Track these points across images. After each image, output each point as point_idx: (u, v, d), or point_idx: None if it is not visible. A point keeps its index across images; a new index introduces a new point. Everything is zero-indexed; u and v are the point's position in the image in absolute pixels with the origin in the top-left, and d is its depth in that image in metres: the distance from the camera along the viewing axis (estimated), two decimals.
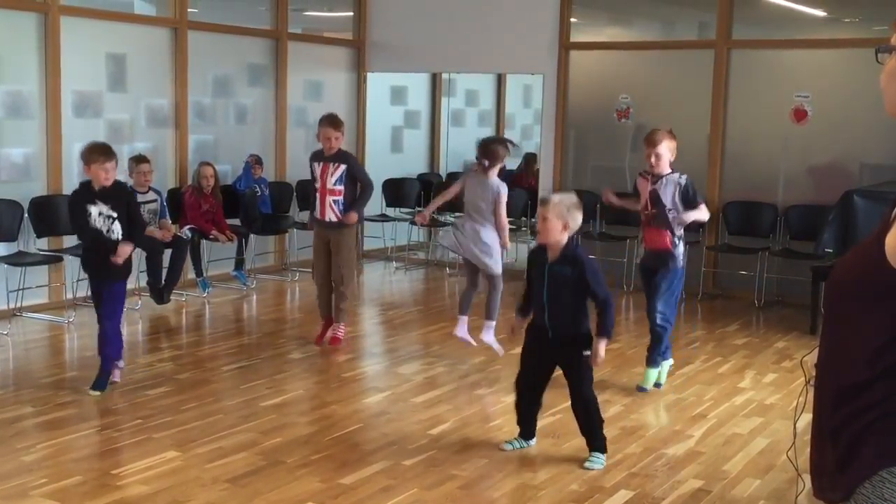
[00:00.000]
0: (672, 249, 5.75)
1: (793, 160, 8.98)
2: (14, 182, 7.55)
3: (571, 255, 4.59)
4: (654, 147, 5.74)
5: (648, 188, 5.79)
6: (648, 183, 5.80)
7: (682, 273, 5.87)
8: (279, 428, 5.11)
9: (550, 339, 4.65)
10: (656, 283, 5.81)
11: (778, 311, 8.59)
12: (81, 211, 5.52)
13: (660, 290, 5.79)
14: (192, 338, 7.34)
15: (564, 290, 4.58)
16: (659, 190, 5.74)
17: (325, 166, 6.70)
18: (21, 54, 7.56)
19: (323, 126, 6.73)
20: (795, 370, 6.50)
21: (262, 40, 9.66)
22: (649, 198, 5.78)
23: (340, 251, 6.78)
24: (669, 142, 5.75)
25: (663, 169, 5.77)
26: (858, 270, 1.87)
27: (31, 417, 5.21)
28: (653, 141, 5.76)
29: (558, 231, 4.56)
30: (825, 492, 1.97)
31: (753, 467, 4.76)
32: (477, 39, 10.04)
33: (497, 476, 4.55)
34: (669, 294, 5.83)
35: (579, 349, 4.65)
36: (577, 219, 4.59)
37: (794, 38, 9.23)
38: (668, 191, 5.73)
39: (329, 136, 6.67)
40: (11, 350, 6.68)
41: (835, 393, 1.91)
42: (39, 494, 4.15)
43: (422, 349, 6.94)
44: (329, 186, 6.69)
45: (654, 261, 5.81)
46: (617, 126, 9.67)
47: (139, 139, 8.45)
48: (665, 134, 5.77)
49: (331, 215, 6.73)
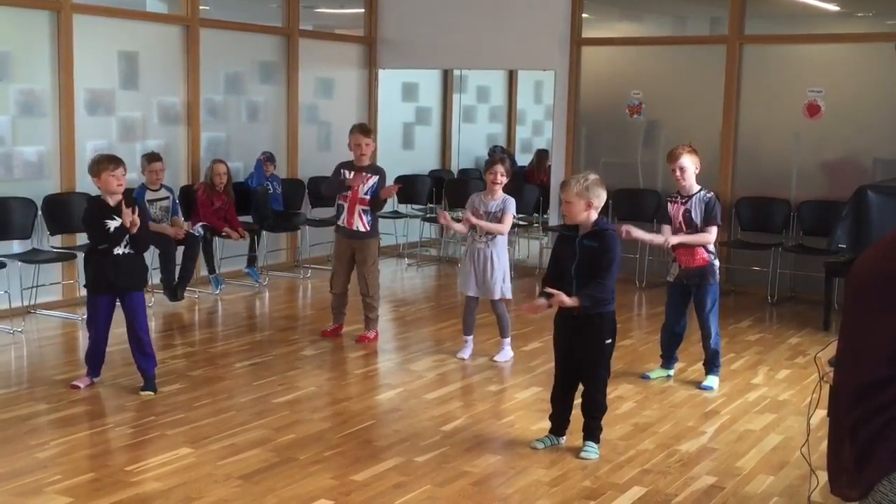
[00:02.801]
0: (710, 265, 5.81)
1: (806, 156, 8.94)
2: (28, 180, 7.58)
3: (601, 231, 4.66)
4: (676, 160, 5.76)
5: (681, 210, 5.81)
6: (679, 205, 5.83)
7: (718, 287, 5.95)
8: (292, 425, 5.12)
9: (573, 316, 4.65)
10: (701, 302, 5.87)
11: (791, 307, 8.56)
12: (101, 225, 5.45)
13: (706, 308, 5.87)
14: (204, 335, 7.36)
15: (592, 263, 4.61)
16: (691, 210, 5.78)
17: (358, 176, 6.71)
18: (34, 52, 7.59)
19: (354, 133, 6.78)
20: (809, 366, 6.48)
21: (274, 38, 9.67)
22: (682, 219, 5.80)
23: (367, 262, 6.81)
24: (690, 155, 5.77)
25: (689, 183, 5.79)
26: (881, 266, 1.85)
27: (44, 414, 5.23)
28: (673, 155, 5.80)
29: (582, 210, 4.65)
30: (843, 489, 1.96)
31: (766, 464, 4.74)
32: (488, 36, 10.02)
33: (509, 473, 4.54)
34: (715, 310, 5.92)
35: (601, 335, 4.68)
36: (600, 195, 4.68)
37: (806, 33, 9.19)
38: (698, 210, 5.77)
39: (360, 142, 6.71)
40: (25, 347, 6.71)
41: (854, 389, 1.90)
42: (53, 491, 4.17)
43: (434, 346, 6.94)
44: (360, 195, 6.72)
45: (693, 278, 5.84)
46: (629, 122, 9.65)
47: (151, 137, 8.47)
48: (685, 148, 5.80)
49: (359, 225, 6.74)
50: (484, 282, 6.37)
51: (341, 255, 6.90)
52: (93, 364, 5.68)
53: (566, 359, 4.83)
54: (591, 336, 4.70)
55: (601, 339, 4.71)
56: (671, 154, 5.82)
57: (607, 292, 4.64)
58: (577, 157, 9.89)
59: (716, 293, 5.91)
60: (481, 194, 6.44)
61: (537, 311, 4.89)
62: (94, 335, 5.61)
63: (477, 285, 6.41)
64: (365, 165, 6.77)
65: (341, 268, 6.92)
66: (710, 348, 5.98)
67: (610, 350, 4.78)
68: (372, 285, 6.87)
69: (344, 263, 6.89)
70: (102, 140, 8.02)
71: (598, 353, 4.72)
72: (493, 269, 6.34)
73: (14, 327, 6.99)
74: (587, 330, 4.69)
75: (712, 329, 5.92)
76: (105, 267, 5.47)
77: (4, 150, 7.43)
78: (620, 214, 9.29)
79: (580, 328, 4.70)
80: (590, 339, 4.71)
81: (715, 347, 5.98)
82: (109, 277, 5.47)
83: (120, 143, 8.08)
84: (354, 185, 6.69)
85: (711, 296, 5.87)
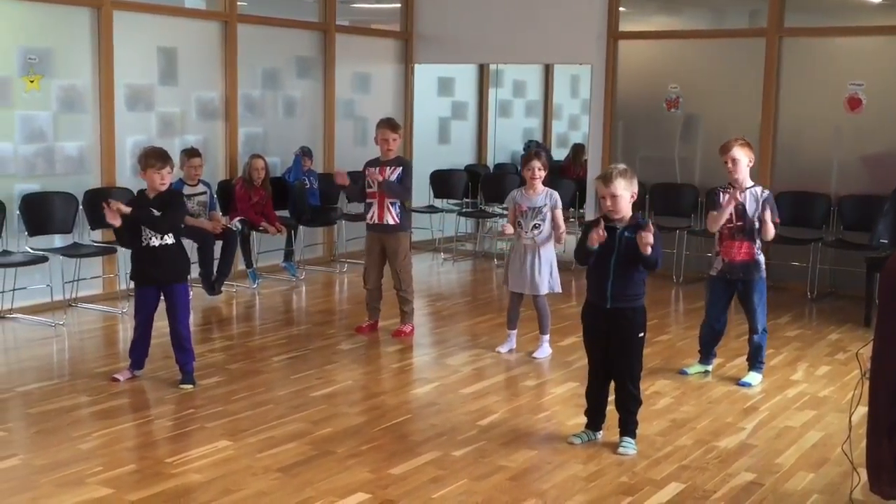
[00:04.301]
0: (755, 260, 5.78)
1: (846, 150, 8.83)
2: (69, 175, 7.68)
3: (643, 223, 4.63)
4: (728, 152, 5.73)
5: (733, 203, 5.76)
6: (734, 197, 5.77)
7: (765, 282, 5.90)
8: (329, 418, 5.15)
9: (607, 309, 4.65)
10: (748, 297, 5.83)
11: (831, 303, 8.47)
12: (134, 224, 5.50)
13: (753, 303, 5.83)
14: (242, 329, 7.42)
15: (630, 254, 4.59)
16: (744, 203, 5.74)
17: (383, 169, 6.76)
18: (75, 49, 7.68)
19: (381, 128, 6.82)
20: (849, 362, 6.42)
21: (311, 33, 9.71)
22: (735, 212, 5.75)
23: (398, 256, 6.84)
24: (742, 148, 5.73)
25: (742, 176, 5.75)
26: None
27: (86, 406, 5.30)
28: (725, 147, 5.78)
29: (628, 202, 4.65)
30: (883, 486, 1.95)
31: (806, 461, 4.70)
32: (524, 30, 10.00)
33: (546, 468, 4.54)
34: (763, 305, 5.87)
35: (635, 328, 4.67)
36: (636, 184, 4.70)
37: (847, 25, 9.07)
38: (751, 204, 5.73)
39: (387, 137, 6.75)
40: (67, 340, 6.80)
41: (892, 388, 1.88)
42: (95, 482, 4.22)
43: (470, 340, 6.94)
44: None
45: (739, 272, 5.80)
46: (666, 116, 9.59)
47: (190, 132, 8.54)
48: (737, 140, 5.78)
49: (388, 218, 6.77)
50: (532, 278, 6.36)
51: (371, 249, 6.93)
52: (135, 357, 5.74)
53: (599, 353, 4.81)
54: (626, 329, 4.68)
55: (635, 332, 4.70)
56: (723, 146, 5.80)
57: (658, 265, 4.63)
58: (613, 151, 9.84)
59: (763, 288, 5.86)
60: (522, 190, 6.42)
61: (597, 240, 4.61)
62: (137, 328, 5.68)
63: (524, 282, 6.40)
64: (390, 160, 6.80)
65: (372, 262, 6.95)
66: (755, 343, 5.93)
67: (643, 343, 4.76)
68: (404, 279, 6.89)
69: (375, 258, 6.92)
70: (142, 135, 8.10)
71: (631, 346, 4.71)
72: (540, 264, 6.33)
73: (56, 320, 7.09)
74: (621, 323, 4.68)
75: (759, 325, 5.87)
76: (145, 260, 5.53)
77: (46, 145, 7.53)
78: (657, 209, 9.23)
79: (614, 321, 4.68)
80: (624, 333, 4.69)
81: (759, 342, 5.94)
82: (150, 270, 5.53)
83: (159, 138, 8.15)
84: (374, 179, 6.74)
85: (759, 291, 5.83)
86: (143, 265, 5.57)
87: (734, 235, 5.79)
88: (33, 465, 4.40)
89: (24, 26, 7.38)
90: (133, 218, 5.46)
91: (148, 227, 5.50)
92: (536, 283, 6.36)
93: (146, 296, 5.61)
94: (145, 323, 5.65)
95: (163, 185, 5.52)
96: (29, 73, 7.35)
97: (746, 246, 5.76)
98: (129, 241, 5.62)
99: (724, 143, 5.84)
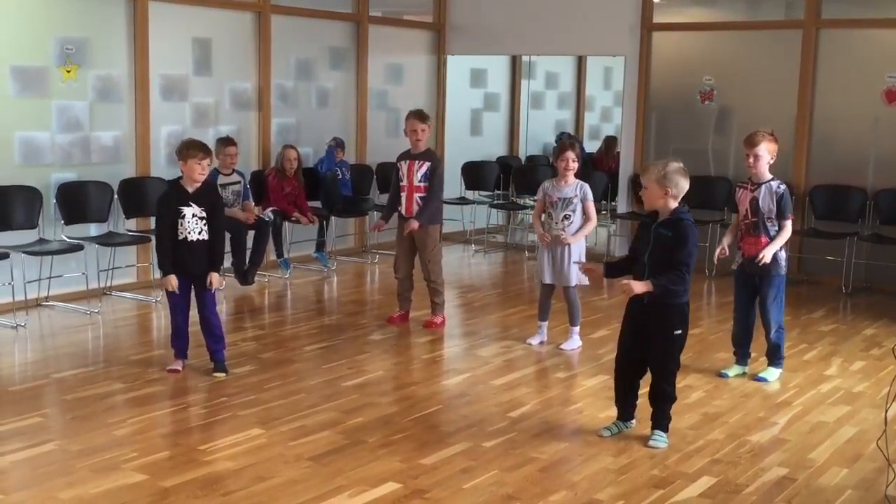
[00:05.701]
0: (773, 255, 5.69)
1: (883, 143, 8.73)
2: (104, 164, 7.75)
3: (676, 220, 4.63)
4: (753, 147, 5.64)
5: (749, 197, 5.71)
6: (748, 192, 5.73)
7: (784, 278, 5.81)
8: (360, 408, 5.17)
9: (644, 304, 4.62)
10: (763, 293, 5.76)
11: (866, 298, 8.39)
12: (174, 211, 5.52)
13: (768, 300, 5.75)
14: (274, 318, 7.46)
15: (665, 252, 4.58)
16: (759, 198, 5.68)
17: (412, 164, 6.80)
18: (111, 39, 7.74)
19: (410, 119, 6.85)
20: (885, 358, 6.35)
21: (344, 24, 9.73)
22: (749, 206, 5.70)
23: (427, 247, 6.86)
24: (769, 144, 5.65)
25: (761, 171, 5.68)
26: None
27: (121, 393, 5.36)
28: (752, 142, 5.67)
29: (658, 197, 4.64)
30: None
31: (840, 456, 4.66)
32: (557, 21, 9.96)
33: (577, 459, 4.54)
34: (779, 302, 5.79)
35: (669, 325, 4.63)
36: (679, 184, 4.66)
37: (886, 16, 8.95)
38: (766, 199, 5.67)
39: (416, 127, 6.77)
40: (102, 328, 6.87)
41: None
42: (130, 468, 4.27)
43: (501, 332, 6.94)
44: (415, 183, 6.79)
45: (756, 267, 5.72)
46: (700, 108, 9.52)
47: (223, 122, 8.59)
48: (765, 136, 5.66)
49: (416, 211, 6.79)
50: (561, 269, 6.36)
51: (402, 239, 6.95)
52: (179, 347, 5.78)
53: (630, 345, 4.79)
54: (660, 326, 4.66)
55: (669, 329, 4.65)
56: (749, 139, 5.69)
57: (681, 283, 4.58)
58: (646, 143, 9.79)
59: (780, 285, 5.76)
60: (553, 181, 6.41)
61: (591, 272, 5.21)
62: (175, 319, 5.72)
63: (554, 273, 6.40)
64: (421, 151, 6.81)
65: (402, 252, 6.98)
66: (771, 342, 5.85)
67: (680, 341, 4.70)
68: (433, 270, 6.90)
69: (405, 247, 6.94)
70: (177, 125, 8.17)
71: (665, 343, 4.67)
72: (569, 256, 6.32)
73: (91, 308, 7.17)
74: (655, 319, 4.65)
75: (772, 322, 5.78)
76: (180, 252, 5.57)
77: (82, 134, 7.61)
78: (691, 202, 9.09)
79: (648, 317, 4.66)
80: (658, 329, 4.67)
81: (776, 341, 5.84)
82: (185, 263, 5.57)
83: (193, 128, 8.22)
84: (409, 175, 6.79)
85: (775, 287, 5.73)
86: (178, 258, 5.60)
87: (750, 231, 5.73)
88: (69, 451, 4.46)
89: (61, 17, 7.44)
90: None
91: (214, 224, 5.61)
92: (566, 273, 6.35)
93: (181, 287, 5.65)
94: (183, 314, 5.69)
95: (202, 176, 5.55)
96: (66, 63, 7.42)
97: (763, 241, 5.67)
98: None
99: (751, 134, 5.71)
